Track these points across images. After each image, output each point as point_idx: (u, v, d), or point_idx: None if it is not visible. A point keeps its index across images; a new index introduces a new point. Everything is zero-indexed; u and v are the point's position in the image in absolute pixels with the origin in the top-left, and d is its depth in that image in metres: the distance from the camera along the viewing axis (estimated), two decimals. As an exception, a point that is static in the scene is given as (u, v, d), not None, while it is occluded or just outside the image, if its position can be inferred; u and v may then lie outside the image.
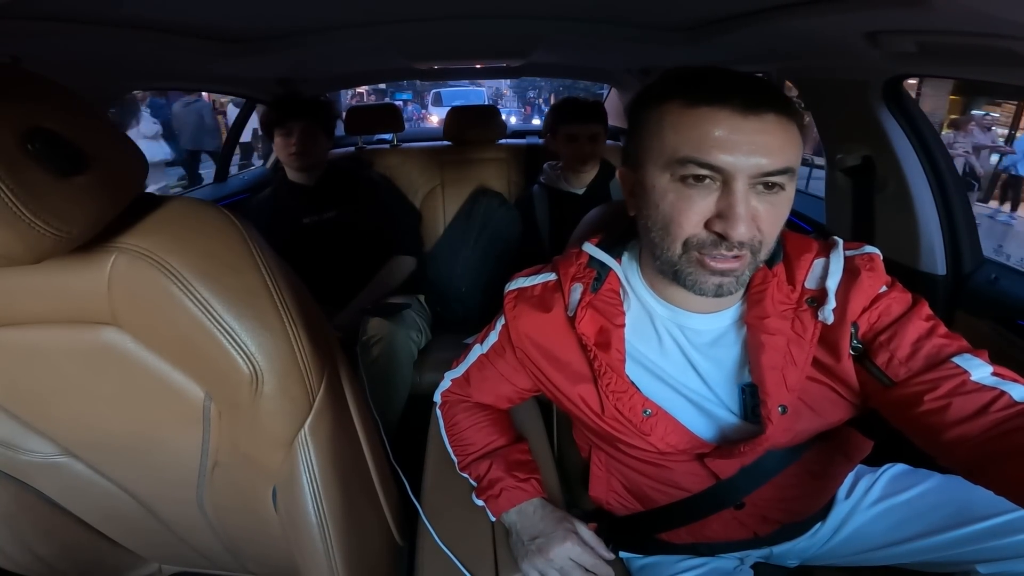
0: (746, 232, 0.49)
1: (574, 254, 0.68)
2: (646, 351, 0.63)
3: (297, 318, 0.54)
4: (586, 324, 0.62)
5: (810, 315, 0.57)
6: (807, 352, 0.57)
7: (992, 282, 0.98)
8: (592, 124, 1.59)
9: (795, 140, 0.51)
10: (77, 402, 0.59)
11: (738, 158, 0.48)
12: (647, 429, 0.62)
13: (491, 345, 0.75)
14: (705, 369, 0.62)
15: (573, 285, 0.65)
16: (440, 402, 0.85)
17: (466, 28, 1.18)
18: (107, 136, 0.47)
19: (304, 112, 1.51)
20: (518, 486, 0.73)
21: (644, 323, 0.64)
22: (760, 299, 0.58)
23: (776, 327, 0.57)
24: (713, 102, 0.49)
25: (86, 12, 0.80)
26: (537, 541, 0.68)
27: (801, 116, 0.52)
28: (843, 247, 0.59)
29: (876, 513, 0.70)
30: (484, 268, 1.75)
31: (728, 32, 1.00)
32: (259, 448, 0.59)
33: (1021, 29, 0.58)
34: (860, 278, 0.56)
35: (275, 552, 0.74)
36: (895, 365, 0.53)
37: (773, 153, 0.48)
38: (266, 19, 1.02)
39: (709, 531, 0.70)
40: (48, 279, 0.48)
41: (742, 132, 0.48)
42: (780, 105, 0.49)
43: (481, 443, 0.79)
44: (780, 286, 0.58)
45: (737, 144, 0.48)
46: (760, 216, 0.51)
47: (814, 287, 0.57)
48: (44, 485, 0.72)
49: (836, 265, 0.57)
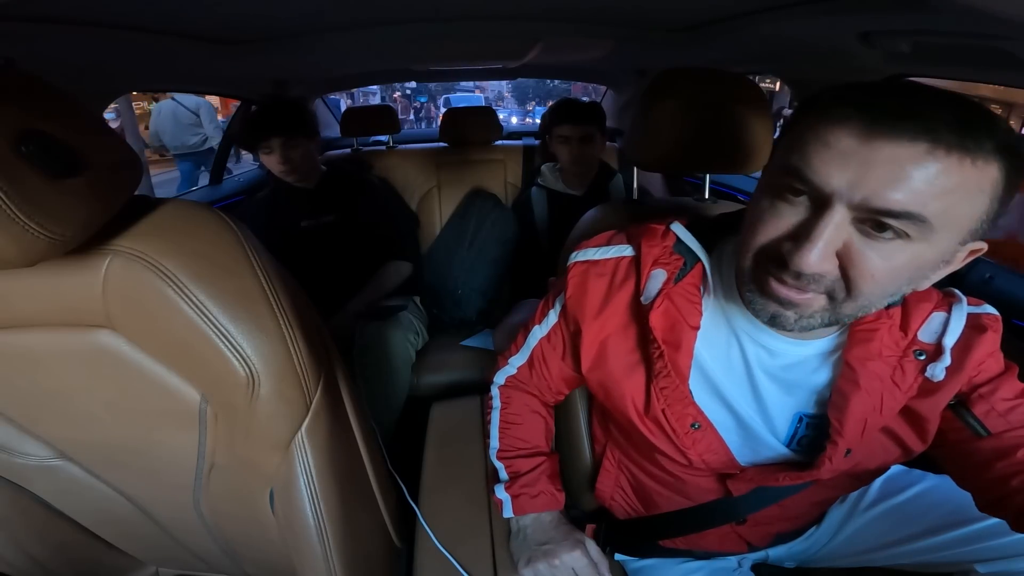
0: (815, 264, 0.41)
1: (659, 231, 0.60)
2: (711, 359, 0.58)
3: (293, 321, 0.54)
4: (659, 317, 0.56)
5: (914, 368, 0.53)
6: (898, 403, 0.54)
7: (987, 281, 0.98)
8: (585, 125, 1.58)
9: (957, 188, 0.38)
10: (72, 405, 0.59)
11: (840, 180, 0.39)
12: (688, 443, 0.58)
13: (552, 326, 0.70)
14: (767, 392, 0.57)
15: (655, 270, 0.58)
16: (503, 383, 0.80)
17: (463, 29, 1.18)
18: (101, 138, 0.46)
19: (280, 126, 1.42)
20: (554, 495, 0.73)
21: (717, 327, 0.57)
22: (869, 339, 0.52)
23: (878, 372, 0.52)
24: (835, 116, 0.40)
25: (80, 14, 0.79)
26: (545, 547, 0.68)
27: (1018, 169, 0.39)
28: (967, 303, 0.54)
29: (873, 515, 0.70)
30: (480, 270, 1.75)
31: (723, 34, 1.01)
32: (256, 451, 0.58)
33: (1015, 29, 0.58)
34: (985, 336, 0.53)
35: (272, 555, 0.74)
36: (994, 417, 0.52)
37: (897, 188, 0.38)
38: (262, 20, 1.02)
39: (705, 541, 0.70)
40: (42, 282, 0.48)
41: (859, 154, 0.39)
42: (942, 137, 0.37)
43: (533, 442, 0.78)
44: (892, 331, 0.53)
45: (847, 165, 0.39)
46: (854, 258, 0.41)
47: (928, 341, 0.53)
48: (40, 488, 0.72)
49: (958, 323, 0.52)
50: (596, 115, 1.60)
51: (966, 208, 0.39)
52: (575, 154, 1.61)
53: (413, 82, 6.85)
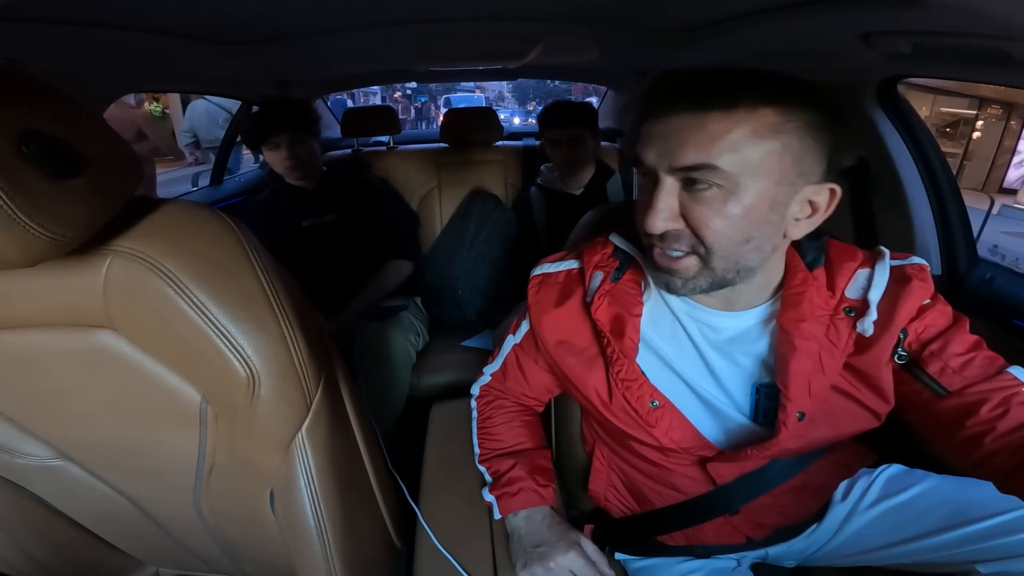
0: (658, 224, 0.51)
1: (600, 243, 0.68)
2: (661, 342, 0.64)
3: (294, 321, 0.54)
4: (602, 311, 0.62)
5: (846, 324, 0.56)
6: (837, 361, 0.56)
7: (987, 282, 0.98)
8: (571, 127, 1.58)
9: (732, 135, 0.47)
10: (73, 405, 0.59)
11: (653, 155, 0.51)
12: (652, 421, 0.62)
13: (523, 335, 0.75)
14: (719, 367, 0.61)
15: (594, 273, 0.65)
16: (478, 395, 0.84)
17: (464, 30, 1.18)
18: (102, 139, 0.47)
19: (286, 123, 1.44)
20: (536, 490, 0.73)
21: (662, 315, 0.64)
22: (798, 301, 0.56)
23: (811, 332, 0.55)
24: (649, 112, 0.52)
25: (82, 14, 0.80)
26: (540, 549, 0.68)
27: (775, 105, 0.48)
28: (889, 257, 0.57)
29: (875, 515, 0.70)
30: (480, 270, 1.75)
31: (723, 34, 1.01)
32: (256, 451, 0.58)
33: (1016, 30, 0.58)
34: (911, 286, 0.55)
35: (273, 555, 0.74)
36: (949, 374, 0.53)
37: (687, 146, 0.48)
38: (264, 21, 1.02)
39: (702, 534, 0.71)
40: (43, 282, 0.48)
41: (661, 132, 0.51)
42: (694, 101, 0.48)
43: (510, 441, 0.79)
44: (819, 291, 0.57)
45: (655, 141, 0.51)
46: (689, 213, 0.51)
47: (855, 297, 0.56)
48: (40, 488, 0.72)
49: (881, 277, 0.56)
50: (584, 116, 1.60)
51: (753, 152, 0.48)
52: (565, 156, 1.62)
53: (413, 82, 6.87)
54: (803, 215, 0.53)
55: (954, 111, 10.53)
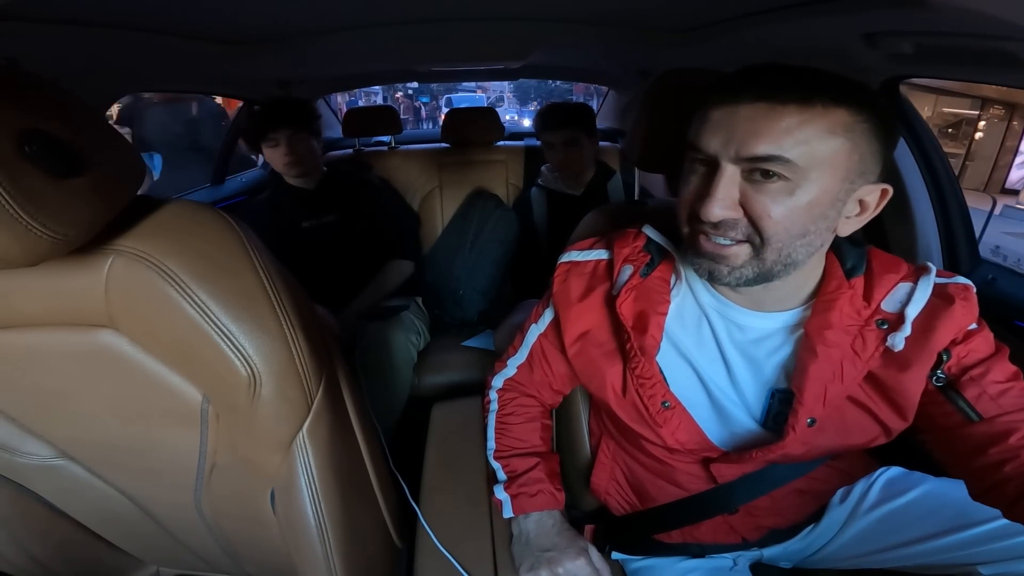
0: (717, 212, 0.50)
1: (631, 234, 0.67)
2: (683, 336, 0.63)
3: (295, 321, 0.54)
4: (627, 306, 0.62)
5: (875, 336, 0.55)
6: (859, 371, 0.55)
7: (989, 283, 0.98)
8: (564, 130, 1.57)
9: (805, 131, 0.47)
10: (74, 405, 0.59)
11: (716, 143, 0.50)
12: (661, 421, 0.62)
13: (548, 324, 0.75)
14: (738, 367, 0.61)
15: (624, 266, 0.64)
16: (501, 387, 0.82)
17: (465, 30, 1.18)
18: (104, 138, 0.47)
19: (287, 119, 1.44)
20: (553, 494, 0.74)
21: (690, 311, 0.63)
22: (828, 308, 0.56)
23: (835, 340, 0.55)
24: (711, 99, 0.51)
25: (84, 14, 0.80)
26: (549, 553, 0.68)
27: (850, 105, 0.48)
28: (935, 275, 0.56)
29: (874, 518, 0.70)
30: (481, 270, 1.75)
31: (726, 34, 1.00)
32: (257, 450, 0.58)
33: (1019, 31, 0.58)
34: (953, 307, 0.54)
35: (273, 555, 0.74)
36: (985, 401, 0.53)
37: (757, 137, 0.47)
38: (265, 20, 1.02)
39: (699, 533, 0.71)
40: (45, 282, 0.48)
41: (726, 120, 0.49)
42: (767, 92, 0.48)
43: (531, 442, 0.79)
44: (853, 300, 0.56)
45: (719, 129, 0.50)
46: (751, 203, 0.49)
47: (891, 310, 0.55)
48: (41, 488, 0.72)
49: (922, 293, 0.54)
50: (579, 118, 1.59)
51: (824, 147, 0.47)
52: (562, 159, 1.62)
53: (415, 83, 6.88)
54: (853, 213, 0.53)
55: (956, 111, 10.49)
